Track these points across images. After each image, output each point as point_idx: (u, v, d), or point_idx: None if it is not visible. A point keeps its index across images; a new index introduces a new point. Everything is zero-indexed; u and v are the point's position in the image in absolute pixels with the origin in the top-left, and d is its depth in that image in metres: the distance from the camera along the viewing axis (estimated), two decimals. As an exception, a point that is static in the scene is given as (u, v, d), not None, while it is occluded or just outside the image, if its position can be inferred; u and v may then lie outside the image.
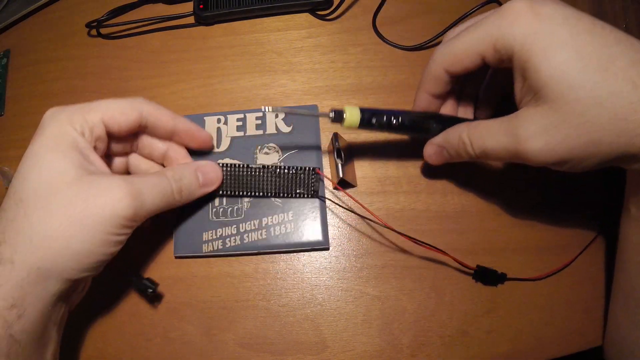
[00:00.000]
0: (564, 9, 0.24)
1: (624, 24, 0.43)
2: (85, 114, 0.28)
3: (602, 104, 0.22)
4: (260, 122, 0.38)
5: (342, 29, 0.42)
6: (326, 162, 0.37)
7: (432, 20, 0.42)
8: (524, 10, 0.25)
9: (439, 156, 0.32)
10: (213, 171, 0.33)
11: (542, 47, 0.24)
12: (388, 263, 0.34)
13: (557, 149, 0.24)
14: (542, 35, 0.24)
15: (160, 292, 0.34)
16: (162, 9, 0.45)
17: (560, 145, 0.24)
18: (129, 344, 0.33)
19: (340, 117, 0.29)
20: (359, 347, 0.32)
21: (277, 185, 0.34)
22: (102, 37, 0.45)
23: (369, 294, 0.33)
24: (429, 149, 0.32)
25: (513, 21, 0.25)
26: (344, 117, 0.29)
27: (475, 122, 0.29)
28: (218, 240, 0.34)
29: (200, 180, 0.32)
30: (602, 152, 0.24)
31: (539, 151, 0.25)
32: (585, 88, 0.23)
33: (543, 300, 0.33)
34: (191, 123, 0.33)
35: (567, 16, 0.24)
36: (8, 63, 0.45)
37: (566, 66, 0.23)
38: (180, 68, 0.42)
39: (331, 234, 0.35)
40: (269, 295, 0.34)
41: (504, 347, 0.31)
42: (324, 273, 0.34)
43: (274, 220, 0.34)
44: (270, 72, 0.41)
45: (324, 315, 0.33)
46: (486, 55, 0.27)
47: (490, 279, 0.33)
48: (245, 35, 0.43)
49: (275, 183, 0.34)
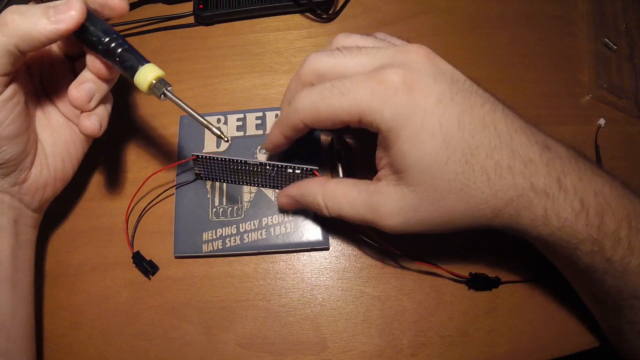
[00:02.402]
0: (440, 86, 0.24)
1: (624, 24, 0.43)
2: None
3: (459, 194, 0.24)
4: (260, 122, 0.38)
5: (342, 29, 0.42)
6: (326, 162, 0.37)
7: (432, 20, 0.42)
8: (397, 85, 0.23)
9: (294, 207, 0.32)
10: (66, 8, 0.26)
11: (411, 134, 0.24)
12: (388, 263, 0.34)
13: (414, 226, 0.26)
14: (413, 121, 0.23)
15: (160, 290, 0.34)
16: (162, 9, 0.45)
17: (417, 223, 0.26)
18: (129, 344, 0.33)
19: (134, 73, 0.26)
20: (359, 347, 0.32)
21: (275, 181, 0.34)
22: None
23: (369, 294, 0.33)
24: (285, 200, 0.32)
25: (385, 97, 0.23)
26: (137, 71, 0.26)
27: (332, 186, 0.28)
28: (218, 240, 0.34)
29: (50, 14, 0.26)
30: (457, 228, 0.26)
31: (396, 227, 0.26)
32: (446, 179, 0.24)
33: (543, 300, 0.33)
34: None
35: (439, 98, 0.24)
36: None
37: (432, 157, 0.24)
38: (180, 68, 0.42)
39: (331, 234, 0.35)
40: (269, 295, 0.34)
41: (504, 347, 0.31)
42: (324, 273, 0.34)
43: (274, 220, 0.34)
44: (270, 72, 0.41)
45: (324, 315, 0.33)
46: (350, 123, 0.25)
47: (484, 284, 0.33)
48: (245, 35, 0.43)
49: (273, 179, 0.34)
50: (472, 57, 0.41)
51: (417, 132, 0.24)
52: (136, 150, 0.39)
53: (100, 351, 0.33)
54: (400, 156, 0.24)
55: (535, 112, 0.39)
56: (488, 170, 0.24)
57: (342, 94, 0.25)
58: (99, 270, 0.35)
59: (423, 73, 0.24)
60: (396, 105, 0.23)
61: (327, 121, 0.26)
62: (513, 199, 0.24)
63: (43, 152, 0.31)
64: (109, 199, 0.38)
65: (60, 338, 0.34)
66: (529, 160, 0.24)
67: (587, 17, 0.43)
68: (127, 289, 0.35)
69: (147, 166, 0.38)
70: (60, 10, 0.25)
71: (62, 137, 0.32)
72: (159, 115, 0.40)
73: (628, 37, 0.42)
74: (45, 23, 0.25)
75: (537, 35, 0.42)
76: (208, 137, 0.37)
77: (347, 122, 0.25)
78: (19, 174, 0.29)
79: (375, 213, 0.26)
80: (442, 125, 0.23)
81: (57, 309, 0.35)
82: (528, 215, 0.24)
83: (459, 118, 0.24)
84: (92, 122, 0.29)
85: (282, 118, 0.29)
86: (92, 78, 0.28)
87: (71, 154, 0.33)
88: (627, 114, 0.39)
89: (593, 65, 0.40)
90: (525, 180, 0.24)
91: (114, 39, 0.27)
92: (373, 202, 0.26)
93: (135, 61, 0.27)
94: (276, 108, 0.38)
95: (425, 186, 0.24)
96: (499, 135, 0.24)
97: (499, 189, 0.24)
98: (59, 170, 0.32)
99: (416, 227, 0.26)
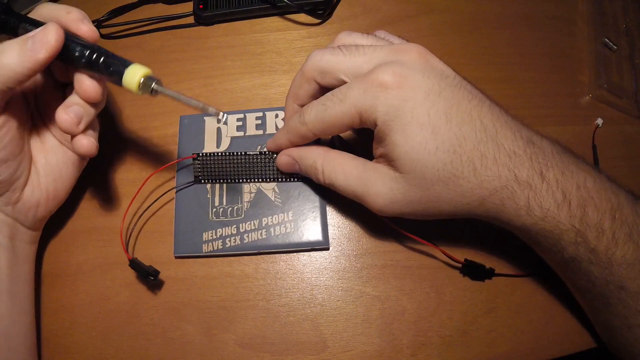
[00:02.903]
0: (428, 81, 0.25)
1: (624, 24, 0.43)
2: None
3: (447, 183, 0.25)
4: (260, 122, 0.38)
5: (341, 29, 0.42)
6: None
7: (432, 20, 0.42)
8: (387, 83, 0.25)
9: (291, 167, 0.33)
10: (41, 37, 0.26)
11: (402, 125, 0.25)
12: (388, 263, 0.34)
13: (401, 209, 0.27)
14: (403, 113, 0.25)
15: (160, 290, 0.34)
16: (162, 9, 0.45)
17: (404, 206, 0.27)
18: (129, 344, 0.33)
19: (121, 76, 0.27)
20: (359, 347, 0.32)
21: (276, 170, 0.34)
22: (102, 37, 0.45)
23: (369, 294, 0.33)
24: (284, 159, 0.33)
25: (377, 94, 0.25)
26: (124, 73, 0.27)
27: (332, 155, 0.30)
28: (218, 240, 0.34)
29: (28, 46, 0.26)
30: (443, 215, 0.27)
31: (383, 206, 0.27)
32: (434, 168, 0.25)
33: (543, 300, 0.33)
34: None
35: (428, 92, 0.25)
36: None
37: (422, 147, 0.25)
38: (180, 68, 0.42)
39: (331, 234, 0.35)
40: (269, 295, 0.34)
41: (504, 347, 0.31)
42: (324, 273, 0.34)
43: (274, 220, 0.34)
44: (270, 72, 0.41)
45: (324, 315, 0.33)
46: (353, 125, 0.27)
47: (478, 273, 0.33)
48: (245, 35, 0.43)
49: (273, 170, 0.34)
50: (472, 57, 0.41)
51: (407, 123, 0.25)
52: (136, 150, 0.39)
53: (100, 351, 0.33)
54: (392, 146, 0.26)
55: (535, 112, 0.39)
56: (475, 161, 0.25)
57: (341, 100, 0.27)
58: (99, 270, 0.35)
59: (413, 69, 0.26)
60: (388, 101, 0.25)
61: (334, 128, 0.28)
62: (497, 189, 0.25)
63: (36, 173, 0.32)
64: (109, 199, 0.38)
65: (60, 338, 0.34)
66: (513, 153, 0.25)
67: (587, 17, 0.43)
68: (127, 289, 0.35)
69: (148, 166, 0.39)
70: (37, 39, 0.26)
71: (55, 158, 0.33)
72: (159, 115, 0.40)
73: (628, 37, 0.42)
74: (26, 56, 0.26)
75: (537, 35, 0.42)
76: (208, 137, 0.37)
77: (350, 125, 0.27)
78: (12, 194, 0.30)
79: (366, 189, 0.28)
80: (431, 117, 0.25)
81: (57, 309, 0.35)
82: (512, 205, 0.25)
83: (446, 111, 0.25)
84: (88, 141, 0.29)
85: (291, 128, 0.30)
86: (79, 102, 0.29)
87: (63, 175, 0.34)
88: (627, 114, 0.39)
89: (593, 65, 0.40)
90: (509, 172, 0.25)
91: (94, 50, 0.27)
92: (366, 177, 0.28)
93: (119, 65, 0.27)
94: (276, 108, 0.38)
95: (415, 174, 0.26)
96: (485, 128, 0.25)
97: (484, 179, 0.25)
98: (51, 190, 0.33)
99: (403, 210, 0.27)
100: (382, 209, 0.28)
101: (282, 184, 0.35)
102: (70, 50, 0.27)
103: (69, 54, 0.27)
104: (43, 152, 0.33)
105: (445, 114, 0.25)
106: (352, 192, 0.29)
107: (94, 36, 0.29)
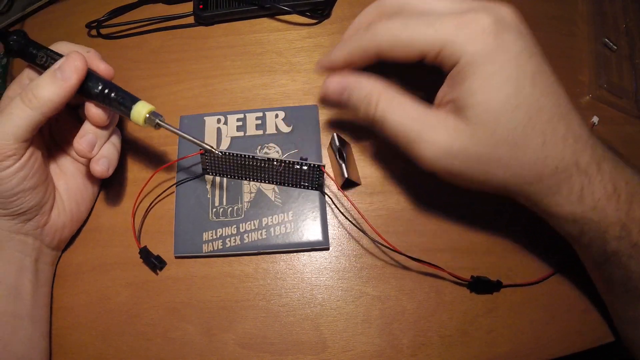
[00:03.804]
0: (523, 42, 0.25)
1: (624, 24, 0.43)
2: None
3: (513, 147, 0.24)
4: (260, 122, 0.38)
5: (342, 29, 0.42)
6: (326, 161, 0.37)
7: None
8: (488, 29, 0.24)
9: (337, 96, 0.29)
10: (69, 64, 0.29)
11: (487, 73, 0.24)
12: (388, 263, 0.34)
13: (452, 164, 0.25)
14: (493, 61, 0.24)
15: (160, 290, 0.34)
16: (162, 9, 0.45)
17: (456, 161, 0.25)
18: (129, 344, 0.33)
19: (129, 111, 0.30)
20: (359, 347, 0.32)
21: (282, 176, 0.34)
22: (102, 37, 0.45)
23: (369, 294, 0.33)
24: (334, 85, 0.29)
25: (473, 36, 0.24)
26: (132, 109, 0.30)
27: (393, 90, 0.27)
28: (218, 240, 0.34)
29: (58, 76, 0.29)
30: (490, 184, 0.26)
31: (432, 157, 0.25)
32: (508, 126, 0.24)
33: (543, 300, 0.33)
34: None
35: (521, 51, 0.24)
36: (8, 63, 0.45)
37: (503, 101, 0.24)
38: (180, 68, 0.42)
39: (331, 234, 0.35)
40: (269, 295, 0.34)
41: (504, 347, 0.31)
42: (324, 273, 0.34)
43: (274, 220, 0.34)
44: (270, 72, 0.41)
45: (324, 315, 0.33)
46: (427, 55, 0.25)
47: (485, 288, 0.33)
48: (245, 35, 0.43)
49: (279, 175, 0.34)
50: (472, 57, 0.41)
51: (494, 73, 0.24)
52: (136, 150, 0.39)
53: (100, 351, 0.33)
54: (470, 92, 0.24)
55: (535, 112, 0.39)
56: (546, 134, 0.24)
57: (428, 24, 0.25)
58: (99, 270, 0.35)
59: (510, 26, 0.25)
60: (481, 44, 0.24)
61: (404, 49, 0.26)
62: (558, 170, 0.24)
63: (59, 197, 0.34)
64: (110, 199, 0.38)
65: (60, 338, 0.34)
66: (579, 136, 0.25)
67: (587, 17, 0.43)
68: (127, 289, 0.35)
69: (148, 166, 0.39)
70: (65, 69, 0.29)
71: (75, 182, 0.35)
72: (159, 115, 0.40)
73: (628, 37, 0.42)
74: (59, 85, 0.28)
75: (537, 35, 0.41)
76: (208, 137, 0.37)
77: (423, 54, 0.25)
78: (40, 218, 0.32)
79: (421, 134, 0.26)
80: (519, 74, 0.24)
81: (57, 309, 0.35)
82: (566, 190, 0.25)
83: (533, 75, 0.24)
84: (101, 167, 0.32)
85: (355, 38, 0.28)
86: (91, 129, 0.31)
87: (84, 197, 0.36)
88: (627, 114, 0.39)
89: (593, 65, 0.40)
90: (572, 156, 0.24)
91: (106, 86, 0.30)
92: (425, 120, 0.26)
93: (128, 101, 0.30)
94: (276, 108, 0.38)
95: (485, 127, 0.24)
96: (560, 105, 0.25)
97: (548, 155, 0.24)
98: (75, 211, 0.35)
99: (454, 167, 0.25)
100: (433, 161, 0.25)
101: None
102: (86, 82, 0.30)
103: (84, 86, 0.30)
104: (63, 177, 0.35)
105: (532, 78, 0.24)
106: (404, 134, 0.26)
107: (110, 73, 0.32)
